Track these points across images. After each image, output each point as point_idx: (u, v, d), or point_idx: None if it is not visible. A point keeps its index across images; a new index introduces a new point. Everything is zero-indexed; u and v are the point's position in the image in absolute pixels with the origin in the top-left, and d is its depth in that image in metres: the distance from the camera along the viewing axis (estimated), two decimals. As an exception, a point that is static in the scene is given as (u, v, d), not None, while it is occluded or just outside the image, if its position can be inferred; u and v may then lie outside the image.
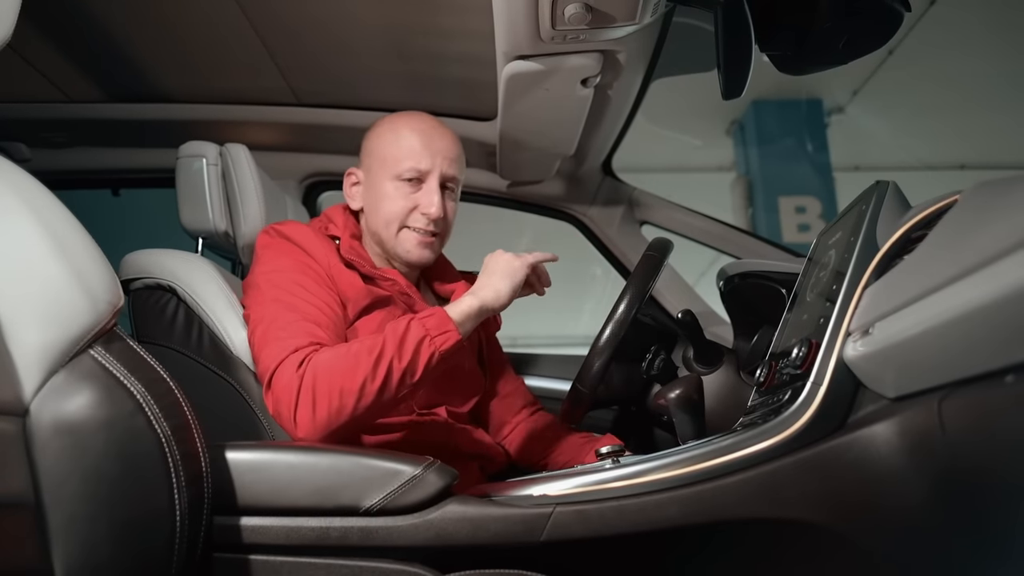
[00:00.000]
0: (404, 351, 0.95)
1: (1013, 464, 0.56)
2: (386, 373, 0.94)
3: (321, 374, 0.93)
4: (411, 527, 0.73)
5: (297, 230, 1.13)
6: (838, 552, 0.74)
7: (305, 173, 1.74)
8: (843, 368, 0.72)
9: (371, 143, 1.21)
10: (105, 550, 0.61)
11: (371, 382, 0.93)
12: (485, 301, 1.04)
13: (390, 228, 1.17)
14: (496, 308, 1.05)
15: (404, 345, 0.96)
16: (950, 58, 4.57)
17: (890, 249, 0.75)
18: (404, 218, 1.16)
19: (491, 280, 1.06)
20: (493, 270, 1.08)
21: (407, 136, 1.17)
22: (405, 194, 1.16)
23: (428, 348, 0.96)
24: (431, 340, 0.96)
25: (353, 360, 0.94)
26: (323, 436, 0.92)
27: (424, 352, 0.96)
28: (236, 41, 1.38)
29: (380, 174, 1.17)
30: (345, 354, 0.95)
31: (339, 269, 1.11)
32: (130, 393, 0.63)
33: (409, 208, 1.16)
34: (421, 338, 0.96)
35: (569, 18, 0.99)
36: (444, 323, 0.98)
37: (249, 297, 1.08)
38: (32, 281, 0.61)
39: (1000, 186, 0.63)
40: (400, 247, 1.18)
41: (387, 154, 1.17)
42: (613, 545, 0.75)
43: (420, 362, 0.96)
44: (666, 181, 3.94)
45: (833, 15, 1.00)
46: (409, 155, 1.16)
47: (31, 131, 1.62)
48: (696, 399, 0.94)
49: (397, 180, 1.16)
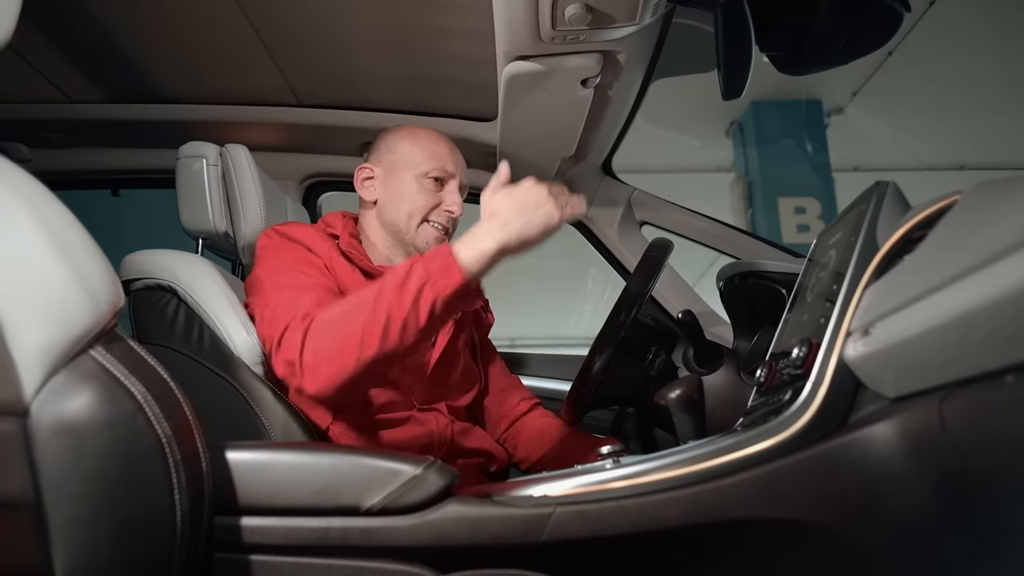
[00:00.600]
0: (405, 297, 0.90)
1: (1014, 464, 0.56)
2: (386, 320, 0.90)
3: (324, 327, 0.94)
4: (412, 527, 0.73)
5: (297, 228, 1.17)
6: (838, 552, 0.74)
7: (305, 174, 1.74)
8: (843, 368, 0.72)
9: (391, 143, 1.28)
10: (106, 551, 0.60)
11: (371, 330, 0.90)
12: (506, 245, 0.91)
13: (412, 220, 1.22)
14: (516, 253, 0.93)
15: (405, 290, 0.91)
16: (949, 58, 4.58)
17: (890, 249, 0.75)
18: (427, 213, 1.23)
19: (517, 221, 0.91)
20: (523, 205, 0.92)
21: (433, 141, 1.27)
22: (430, 191, 1.23)
23: (430, 293, 0.90)
24: (433, 284, 0.90)
25: (354, 310, 0.93)
26: (334, 389, 0.92)
27: (425, 299, 0.90)
28: (236, 41, 1.38)
29: (405, 170, 1.24)
30: (346, 304, 0.95)
31: (339, 261, 1.15)
32: (131, 394, 0.63)
33: (433, 204, 1.23)
34: (422, 284, 0.90)
35: (569, 18, 0.99)
36: (448, 266, 0.90)
37: (251, 294, 1.10)
38: (33, 281, 0.61)
39: (1000, 186, 0.63)
40: (420, 239, 1.23)
41: (415, 154, 1.25)
42: (614, 545, 0.75)
43: (422, 309, 0.90)
44: (665, 182, 3.95)
45: (833, 15, 1.00)
46: (437, 157, 1.24)
47: (31, 131, 1.62)
48: (696, 399, 0.94)
49: (424, 178, 1.23)
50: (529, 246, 0.93)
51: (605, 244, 1.75)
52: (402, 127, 1.31)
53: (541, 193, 0.93)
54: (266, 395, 1.05)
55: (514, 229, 0.91)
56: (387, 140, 1.28)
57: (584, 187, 1.72)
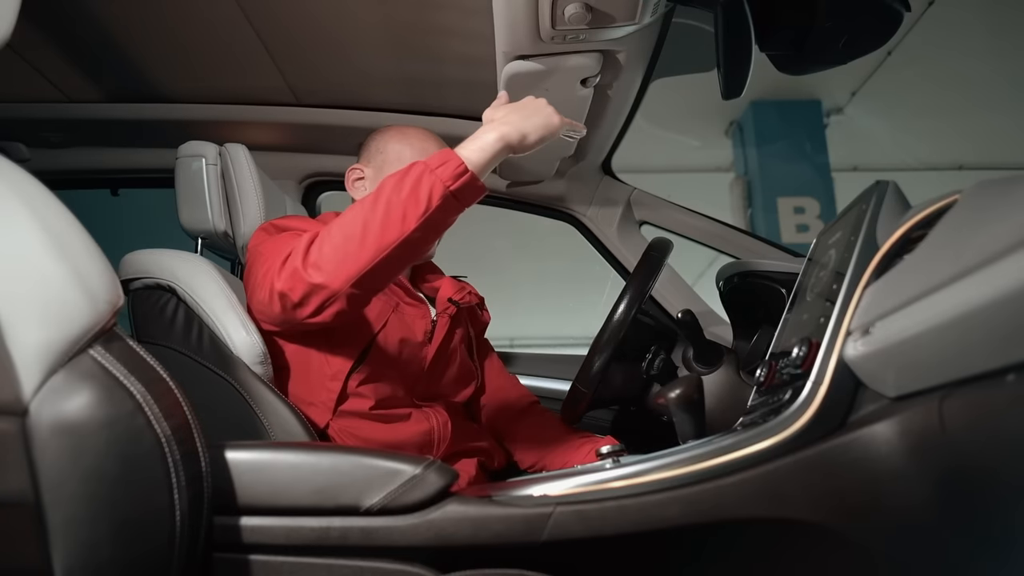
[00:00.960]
0: (404, 185, 0.90)
1: (1014, 463, 0.56)
2: (386, 209, 0.90)
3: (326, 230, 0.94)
4: (411, 527, 0.73)
5: (292, 219, 1.16)
6: (838, 551, 0.74)
7: (304, 173, 1.74)
8: (843, 368, 0.72)
9: (381, 143, 1.26)
10: (105, 550, 0.60)
11: (372, 221, 0.90)
12: (507, 137, 0.94)
13: None
14: (517, 149, 0.95)
15: (405, 180, 0.91)
16: (949, 58, 4.58)
17: (890, 249, 0.75)
18: None
19: (516, 115, 0.96)
20: (522, 107, 0.97)
21: (422, 140, 1.24)
22: None
23: (429, 179, 0.90)
24: (432, 172, 0.90)
25: (355, 209, 0.94)
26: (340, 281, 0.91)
27: (425, 183, 0.90)
28: (235, 41, 1.38)
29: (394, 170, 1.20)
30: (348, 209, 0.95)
31: None
32: (130, 393, 0.63)
33: None
34: (421, 172, 0.91)
35: (569, 18, 0.99)
36: (446, 154, 0.92)
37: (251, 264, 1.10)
38: (32, 280, 0.61)
39: (1000, 185, 0.63)
40: None
41: (403, 152, 1.22)
42: (614, 545, 0.75)
43: (422, 194, 0.89)
44: (665, 181, 3.95)
45: (833, 15, 1.00)
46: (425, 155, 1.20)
47: (30, 131, 1.62)
48: (696, 399, 0.94)
49: None
50: (529, 143, 0.96)
51: (604, 244, 1.75)
52: (391, 127, 1.29)
53: (540, 100, 0.99)
54: (266, 395, 1.05)
55: (514, 122, 0.95)
56: (376, 140, 1.27)
57: (584, 187, 1.72)
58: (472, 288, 1.36)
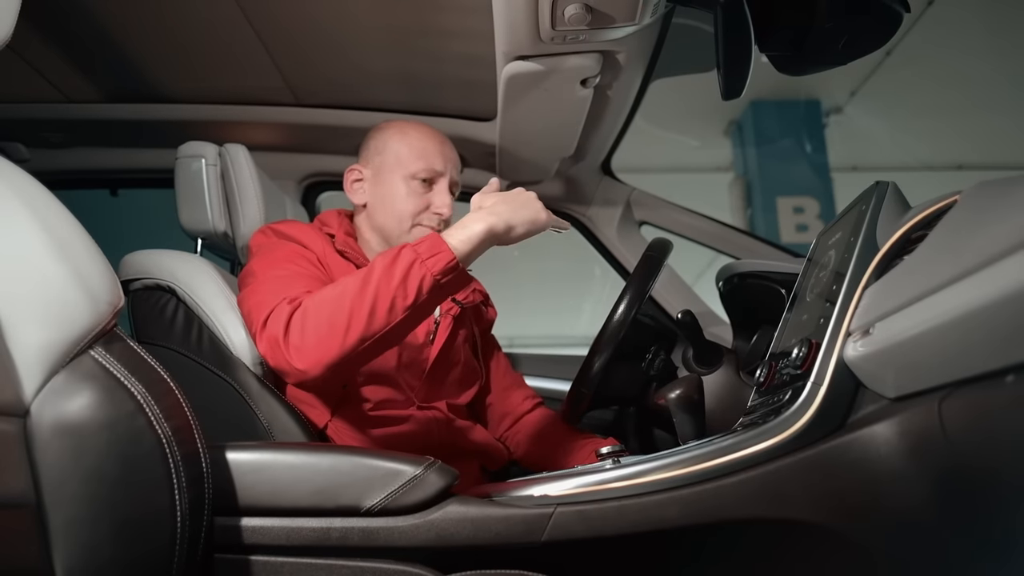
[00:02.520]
0: (394, 274, 0.90)
1: (1013, 464, 0.56)
2: (374, 297, 0.90)
3: (312, 308, 0.93)
4: (412, 527, 0.73)
5: (291, 226, 1.16)
6: (838, 552, 0.74)
7: (304, 173, 1.74)
8: (843, 368, 0.72)
9: (379, 143, 1.24)
10: (106, 551, 0.60)
11: (359, 308, 0.90)
12: (493, 227, 0.94)
13: (403, 224, 1.20)
14: (503, 241, 0.97)
15: (394, 268, 0.91)
16: (948, 58, 4.58)
17: (890, 249, 0.75)
18: (417, 215, 1.20)
19: (505, 207, 0.97)
20: (512, 199, 0.98)
21: (420, 139, 1.23)
22: (418, 193, 1.20)
23: (419, 271, 0.90)
24: (422, 263, 0.91)
25: (341, 288, 0.93)
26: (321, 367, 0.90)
27: (415, 275, 0.90)
28: (235, 41, 1.38)
29: (393, 172, 1.21)
30: (334, 287, 0.94)
31: (334, 258, 1.14)
32: (131, 394, 0.63)
33: (422, 207, 1.20)
34: (411, 261, 0.91)
35: (569, 18, 0.99)
36: (436, 244, 0.92)
37: (243, 286, 1.09)
38: (33, 281, 0.61)
39: (999, 186, 0.63)
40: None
41: (401, 154, 1.21)
42: (614, 545, 0.75)
43: (411, 285, 0.90)
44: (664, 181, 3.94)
45: (833, 15, 1.00)
46: (424, 156, 1.21)
47: (29, 131, 1.62)
48: (696, 399, 0.94)
49: (411, 179, 1.20)
50: (514, 236, 0.97)
51: (604, 244, 1.75)
52: (390, 124, 1.26)
53: (530, 194, 1.00)
54: (265, 395, 1.05)
55: (502, 213, 0.96)
56: (376, 139, 1.25)
57: (583, 187, 1.72)
58: (478, 284, 1.36)
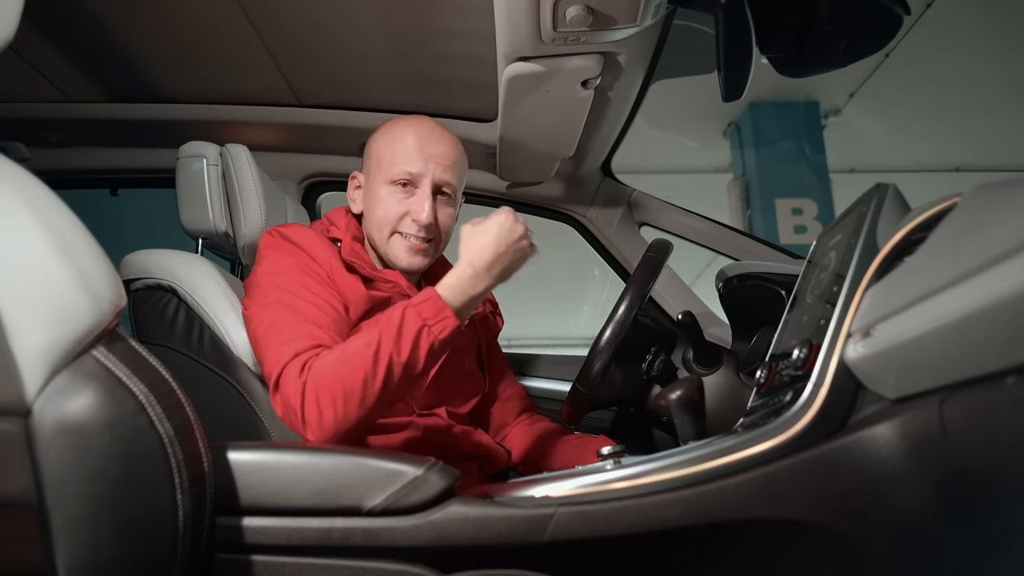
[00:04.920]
0: (402, 345, 0.93)
1: (1014, 466, 0.57)
2: (386, 370, 0.92)
3: (323, 380, 0.92)
4: (413, 528, 0.73)
5: (300, 232, 1.13)
6: (839, 552, 0.74)
7: (304, 174, 1.74)
8: (844, 369, 0.72)
9: (371, 146, 1.22)
10: (108, 551, 0.60)
11: (372, 381, 0.92)
12: (492, 286, 0.99)
13: (382, 232, 1.17)
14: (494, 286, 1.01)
15: (402, 338, 0.93)
16: (947, 59, 4.59)
17: (891, 251, 0.75)
18: (396, 223, 1.15)
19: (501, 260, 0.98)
20: (504, 248, 0.98)
21: (403, 139, 1.16)
22: (398, 199, 1.15)
23: (427, 338, 0.94)
24: (429, 329, 0.94)
25: (351, 361, 0.93)
26: (335, 438, 0.92)
27: (423, 344, 0.94)
28: (237, 42, 1.38)
29: (376, 177, 1.17)
30: (343, 355, 0.94)
31: (341, 273, 1.11)
32: (132, 394, 0.63)
33: (401, 213, 1.15)
34: (419, 328, 0.94)
35: (570, 20, 0.99)
36: (441, 310, 0.95)
37: (250, 297, 1.08)
38: (35, 281, 0.61)
39: (1000, 188, 0.64)
40: (391, 252, 1.17)
41: (383, 158, 1.17)
42: (615, 546, 0.75)
43: (420, 354, 0.94)
44: (663, 182, 3.95)
45: (833, 18, 1.01)
46: (402, 159, 1.15)
47: (30, 130, 1.62)
48: (697, 400, 0.94)
49: (390, 184, 1.15)
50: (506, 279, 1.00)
51: (604, 245, 1.75)
52: (388, 123, 1.21)
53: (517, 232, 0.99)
54: (265, 395, 1.05)
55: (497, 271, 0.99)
56: (369, 143, 1.22)
57: (583, 188, 1.72)
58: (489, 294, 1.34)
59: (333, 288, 1.09)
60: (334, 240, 1.17)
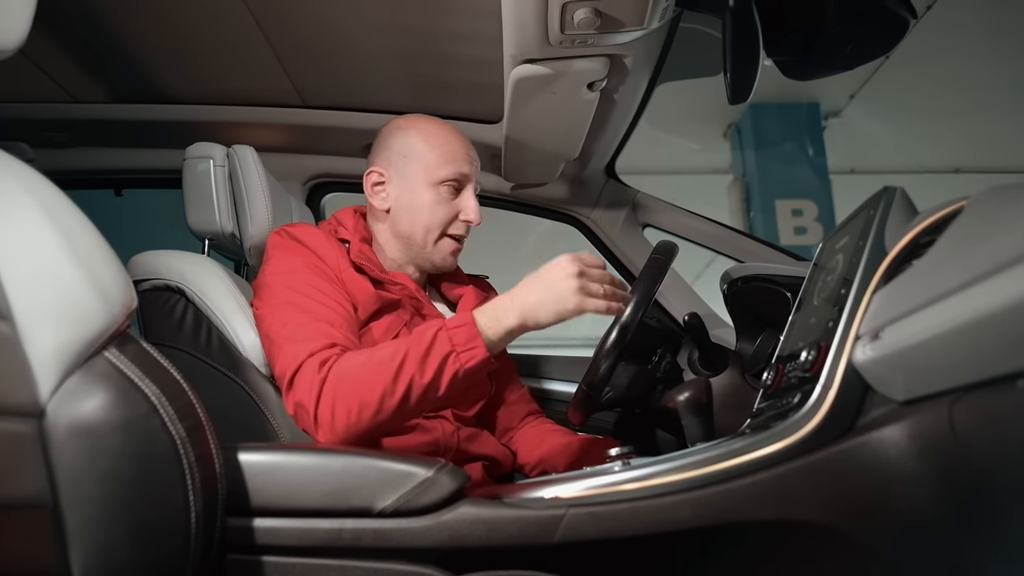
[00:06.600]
0: (427, 368, 0.91)
1: (1022, 468, 0.57)
2: (406, 389, 0.91)
3: (342, 384, 0.92)
4: (424, 528, 0.74)
5: (308, 232, 1.13)
6: (847, 553, 0.75)
7: (309, 175, 1.74)
8: (852, 371, 0.72)
9: (402, 143, 1.18)
10: (122, 552, 0.61)
11: (390, 397, 0.91)
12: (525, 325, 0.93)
13: (430, 235, 1.16)
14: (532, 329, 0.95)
15: (428, 360, 0.91)
16: (947, 61, 4.60)
17: (899, 254, 0.76)
18: (446, 226, 1.16)
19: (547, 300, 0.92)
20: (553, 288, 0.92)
21: (447, 142, 1.17)
22: (447, 201, 1.16)
23: (453, 365, 0.91)
24: (457, 356, 0.91)
25: (374, 372, 0.92)
26: (344, 442, 0.93)
27: (448, 370, 0.92)
28: (242, 42, 1.38)
29: (419, 178, 1.16)
30: (366, 363, 0.93)
31: (349, 273, 1.11)
32: (145, 395, 0.63)
33: (451, 216, 1.16)
34: (447, 354, 0.91)
35: (578, 23, 1.00)
36: (473, 339, 0.92)
37: (260, 297, 1.08)
38: (47, 283, 0.61)
39: (1008, 192, 0.64)
40: (436, 254, 1.18)
41: (428, 158, 1.16)
42: (625, 546, 0.75)
43: (443, 380, 0.92)
44: (664, 183, 3.94)
45: (840, 21, 1.01)
46: (453, 160, 1.16)
47: (35, 131, 1.62)
48: (705, 402, 0.95)
49: (439, 186, 1.15)
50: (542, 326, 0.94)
51: (608, 246, 1.75)
52: (410, 123, 1.20)
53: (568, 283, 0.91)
54: (274, 396, 1.05)
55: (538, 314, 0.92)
56: (397, 140, 1.19)
57: (588, 189, 1.73)
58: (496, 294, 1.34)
59: (342, 288, 1.09)
60: (342, 241, 1.17)
